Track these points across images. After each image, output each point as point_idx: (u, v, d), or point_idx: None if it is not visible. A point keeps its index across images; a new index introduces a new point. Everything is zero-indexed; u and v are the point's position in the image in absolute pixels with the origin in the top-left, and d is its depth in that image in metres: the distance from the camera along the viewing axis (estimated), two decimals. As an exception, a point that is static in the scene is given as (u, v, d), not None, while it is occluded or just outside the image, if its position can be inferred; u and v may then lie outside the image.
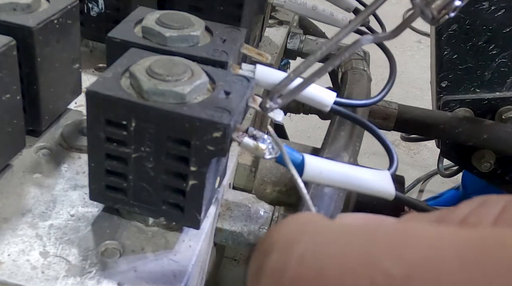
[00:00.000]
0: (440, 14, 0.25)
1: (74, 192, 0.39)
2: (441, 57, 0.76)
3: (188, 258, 0.35)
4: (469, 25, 0.74)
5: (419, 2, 0.25)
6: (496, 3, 0.72)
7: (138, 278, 0.33)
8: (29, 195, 0.38)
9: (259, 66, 0.40)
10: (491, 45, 0.75)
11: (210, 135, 0.30)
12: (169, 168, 0.32)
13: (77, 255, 0.34)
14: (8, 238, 0.35)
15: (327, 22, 0.68)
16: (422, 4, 0.25)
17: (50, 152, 0.43)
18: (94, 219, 0.37)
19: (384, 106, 0.75)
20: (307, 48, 0.78)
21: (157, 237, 0.36)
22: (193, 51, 0.38)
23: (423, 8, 0.26)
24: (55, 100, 0.43)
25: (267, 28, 0.72)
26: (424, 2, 0.25)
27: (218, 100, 0.32)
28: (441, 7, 0.25)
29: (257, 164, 0.51)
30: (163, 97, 0.31)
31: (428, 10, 0.25)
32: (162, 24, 0.39)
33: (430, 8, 0.25)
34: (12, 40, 0.35)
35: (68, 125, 0.45)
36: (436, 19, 0.25)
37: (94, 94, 0.31)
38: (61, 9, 0.40)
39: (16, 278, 0.32)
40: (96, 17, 0.53)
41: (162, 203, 0.34)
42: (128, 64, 0.33)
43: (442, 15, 0.25)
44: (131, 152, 0.32)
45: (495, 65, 0.76)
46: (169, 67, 0.33)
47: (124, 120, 0.31)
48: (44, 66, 0.40)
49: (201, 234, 0.37)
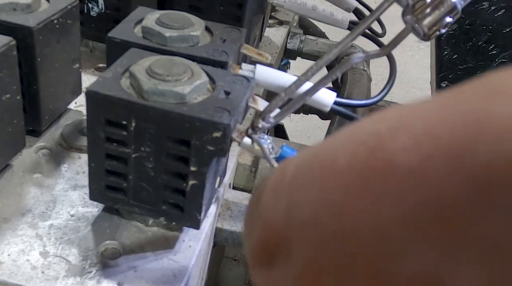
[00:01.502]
0: (431, 31, 0.25)
1: (74, 192, 0.39)
2: (441, 57, 0.76)
3: (188, 258, 0.35)
4: (469, 25, 0.74)
5: (410, 19, 0.26)
6: (496, 3, 0.72)
7: (138, 278, 0.33)
8: (29, 195, 0.38)
9: (259, 66, 0.40)
10: (491, 45, 0.75)
11: (210, 135, 0.30)
12: (169, 168, 0.32)
13: (77, 255, 0.34)
14: (8, 238, 0.35)
15: (327, 22, 0.68)
16: (413, 21, 0.26)
17: (50, 152, 0.43)
18: (94, 219, 0.37)
19: (384, 107, 0.75)
20: (307, 48, 0.78)
21: (157, 237, 0.36)
22: (193, 51, 0.38)
23: (414, 25, 0.26)
24: (55, 100, 0.43)
25: (267, 28, 0.72)
26: (415, 19, 0.25)
27: (218, 100, 0.32)
28: (432, 24, 0.25)
29: (257, 164, 0.51)
30: (163, 97, 0.31)
31: (419, 27, 0.25)
32: (162, 24, 0.39)
33: (421, 25, 0.25)
34: (12, 40, 0.35)
35: (68, 125, 0.45)
36: (427, 35, 0.25)
37: (94, 94, 0.31)
38: (61, 9, 0.40)
39: (16, 278, 0.32)
40: (96, 17, 0.53)
41: (162, 203, 0.34)
42: (128, 64, 0.33)
43: (433, 31, 0.25)
44: (131, 152, 0.32)
45: (495, 65, 0.76)
46: (169, 67, 0.33)
47: (124, 120, 0.31)
48: (44, 66, 0.40)
49: (201, 234, 0.37)
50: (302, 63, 0.74)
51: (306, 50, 0.78)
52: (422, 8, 0.25)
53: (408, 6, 0.25)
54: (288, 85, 0.28)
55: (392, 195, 0.10)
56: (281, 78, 0.42)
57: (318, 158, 0.12)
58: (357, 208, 0.10)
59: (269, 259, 0.13)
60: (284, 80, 0.41)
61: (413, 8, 0.25)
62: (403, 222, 0.10)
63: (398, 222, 0.10)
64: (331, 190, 0.11)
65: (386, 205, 0.10)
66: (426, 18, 0.25)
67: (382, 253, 0.10)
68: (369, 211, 0.10)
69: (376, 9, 0.27)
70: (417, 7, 0.25)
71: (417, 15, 0.25)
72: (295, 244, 0.12)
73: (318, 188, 0.11)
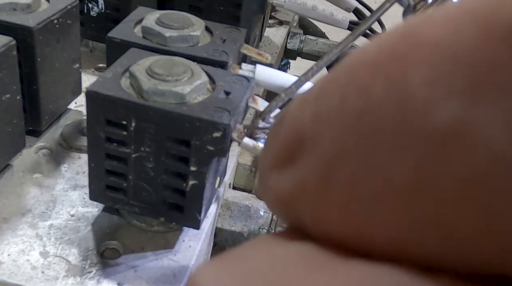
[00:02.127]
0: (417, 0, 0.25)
1: (74, 192, 0.39)
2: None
3: (188, 258, 0.35)
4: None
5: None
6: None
7: (138, 278, 0.33)
8: (29, 195, 0.38)
9: (259, 66, 0.40)
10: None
11: (210, 135, 0.30)
12: (169, 168, 0.32)
13: (77, 255, 0.34)
14: (8, 238, 0.35)
15: (327, 22, 0.68)
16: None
17: (50, 152, 0.43)
18: (94, 219, 0.37)
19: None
20: (307, 48, 0.78)
21: (157, 237, 0.36)
22: (193, 51, 0.38)
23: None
24: (55, 100, 0.43)
25: (267, 28, 0.72)
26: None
27: (218, 100, 0.32)
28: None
29: (257, 164, 0.50)
30: (163, 97, 0.31)
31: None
32: (162, 24, 0.39)
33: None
34: (12, 40, 0.35)
35: (68, 125, 0.45)
36: (412, 6, 0.25)
37: (94, 94, 0.31)
38: (61, 9, 0.40)
39: (16, 278, 0.32)
40: (96, 17, 0.53)
41: (162, 203, 0.34)
42: (128, 64, 0.33)
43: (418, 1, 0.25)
44: (131, 152, 0.32)
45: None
46: (169, 67, 0.33)
47: (124, 120, 0.31)
48: (44, 66, 0.40)
49: (201, 234, 0.37)
50: (302, 63, 0.74)
51: (306, 50, 0.78)
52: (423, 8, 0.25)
53: (409, 6, 0.25)
54: (288, 86, 0.28)
55: (421, 61, 0.10)
56: (281, 78, 0.42)
57: (348, 58, 0.12)
58: (385, 80, 0.10)
59: (292, 158, 0.12)
60: (284, 80, 0.41)
61: (414, 8, 0.25)
62: (432, 81, 0.10)
63: (427, 82, 0.10)
64: (358, 73, 0.11)
65: (415, 72, 0.10)
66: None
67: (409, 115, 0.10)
68: (396, 81, 0.10)
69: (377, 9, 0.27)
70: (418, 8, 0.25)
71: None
72: (320, 133, 0.11)
73: (345, 76, 0.11)
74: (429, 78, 0.10)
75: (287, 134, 0.13)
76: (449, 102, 0.09)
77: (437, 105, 0.10)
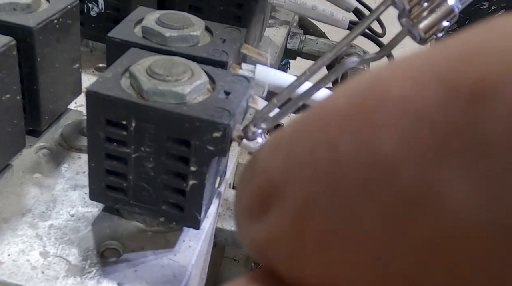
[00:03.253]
0: (427, 35, 0.25)
1: (74, 192, 0.39)
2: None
3: (188, 258, 0.35)
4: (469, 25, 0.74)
5: (406, 22, 0.25)
6: (496, 3, 0.72)
7: (138, 278, 0.33)
8: (29, 195, 0.38)
9: (259, 66, 0.40)
10: (491, 45, 0.75)
11: (210, 135, 0.30)
12: (169, 168, 0.32)
13: (77, 255, 0.34)
14: (8, 238, 0.35)
15: (327, 22, 0.68)
16: (409, 24, 0.25)
17: (50, 152, 0.43)
18: (94, 219, 0.37)
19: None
20: (307, 48, 0.78)
21: (157, 237, 0.36)
22: (193, 51, 0.38)
23: (410, 29, 0.25)
24: (55, 100, 0.43)
25: (267, 28, 0.72)
26: (411, 22, 0.25)
27: (218, 100, 0.32)
28: (428, 28, 0.25)
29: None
30: (163, 97, 0.31)
31: (416, 31, 0.25)
32: (162, 24, 0.39)
33: (417, 28, 0.25)
34: (12, 40, 0.35)
35: (68, 125, 0.45)
36: (423, 39, 0.25)
37: (94, 94, 0.31)
38: (61, 9, 0.40)
39: (16, 278, 0.32)
40: (96, 17, 0.53)
41: (162, 203, 0.34)
42: (128, 64, 0.33)
43: (429, 35, 0.25)
44: (131, 152, 0.32)
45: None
46: (169, 67, 0.33)
47: (124, 120, 0.31)
48: (44, 66, 0.40)
49: (201, 234, 0.37)
50: (302, 63, 0.74)
51: (306, 50, 0.78)
52: (418, 11, 0.25)
53: (404, 10, 0.25)
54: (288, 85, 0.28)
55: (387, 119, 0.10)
56: (281, 78, 0.42)
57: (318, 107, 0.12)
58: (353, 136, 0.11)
59: (264, 208, 0.12)
60: (284, 80, 0.41)
61: (410, 12, 0.25)
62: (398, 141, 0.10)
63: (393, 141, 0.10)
64: (328, 126, 0.11)
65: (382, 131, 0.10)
66: (422, 22, 0.25)
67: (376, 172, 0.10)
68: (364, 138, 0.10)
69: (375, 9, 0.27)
70: (414, 10, 0.25)
71: (413, 18, 0.25)
72: (291, 184, 0.12)
73: (315, 128, 0.11)
74: (396, 138, 0.10)
75: (258, 183, 0.13)
76: (415, 163, 0.10)
77: (404, 166, 0.10)
